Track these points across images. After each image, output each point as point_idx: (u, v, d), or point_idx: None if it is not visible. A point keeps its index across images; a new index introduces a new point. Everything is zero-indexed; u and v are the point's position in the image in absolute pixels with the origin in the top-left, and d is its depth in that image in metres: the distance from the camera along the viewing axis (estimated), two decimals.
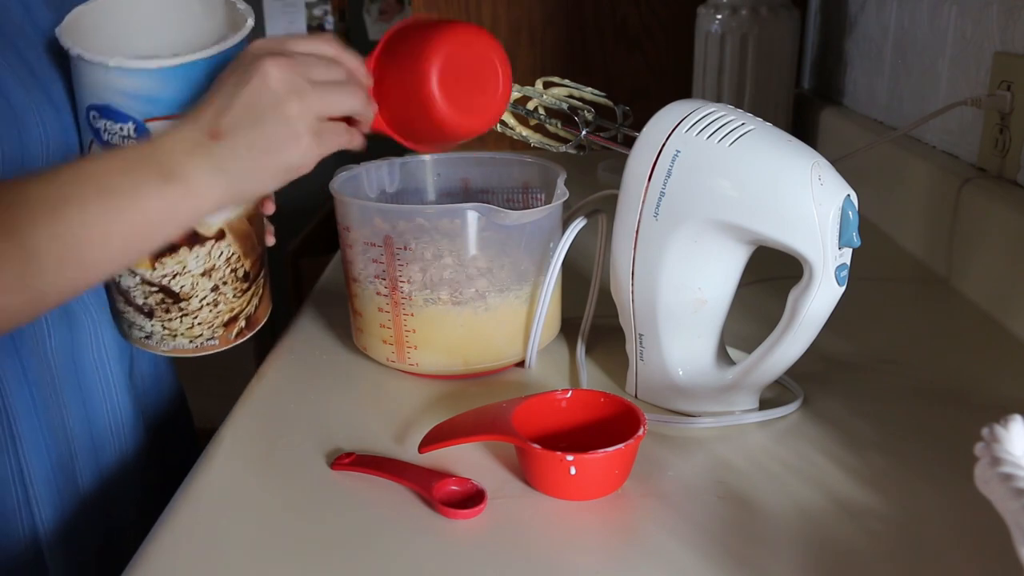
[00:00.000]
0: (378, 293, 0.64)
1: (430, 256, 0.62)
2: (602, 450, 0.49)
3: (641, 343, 0.60)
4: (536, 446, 0.49)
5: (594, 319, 0.71)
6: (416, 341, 0.63)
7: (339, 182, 0.67)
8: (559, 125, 0.73)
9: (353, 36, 3.02)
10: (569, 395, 0.55)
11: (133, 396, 0.67)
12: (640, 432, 0.50)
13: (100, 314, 0.64)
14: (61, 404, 0.61)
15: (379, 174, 0.73)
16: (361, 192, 0.71)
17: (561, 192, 0.64)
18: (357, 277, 0.65)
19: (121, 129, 0.55)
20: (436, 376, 0.66)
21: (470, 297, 0.62)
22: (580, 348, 0.70)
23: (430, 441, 0.53)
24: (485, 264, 0.62)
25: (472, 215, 0.60)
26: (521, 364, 0.67)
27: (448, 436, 0.53)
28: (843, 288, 0.54)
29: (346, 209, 0.64)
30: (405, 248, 0.61)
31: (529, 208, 0.70)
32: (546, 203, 0.65)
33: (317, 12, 3.01)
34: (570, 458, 0.49)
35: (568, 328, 0.71)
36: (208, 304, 0.61)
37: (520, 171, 0.74)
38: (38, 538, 0.60)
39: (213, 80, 0.52)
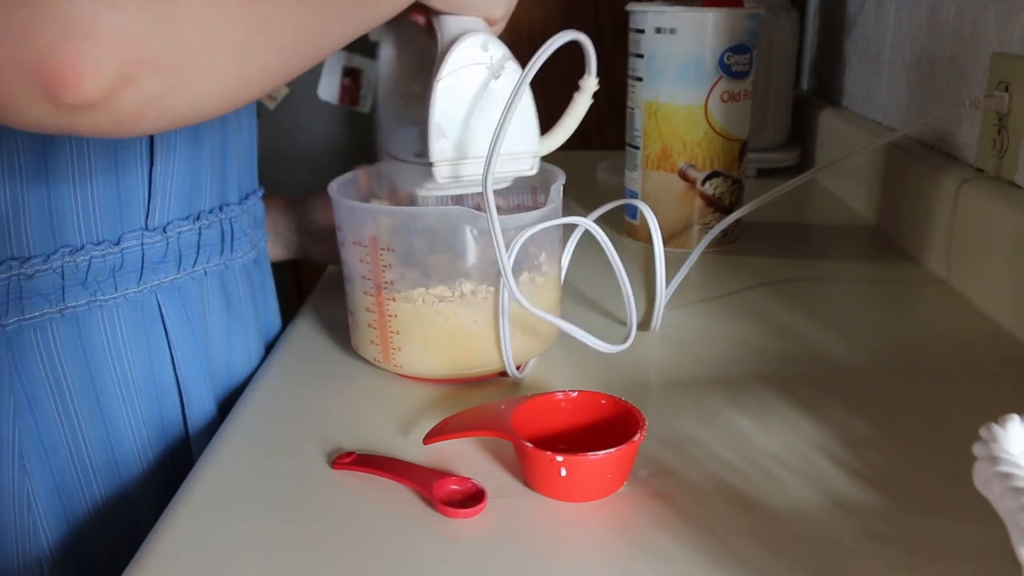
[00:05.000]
0: (365, 293, 0.63)
1: (414, 257, 0.61)
2: (592, 453, 0.49)
3: None
4: (528, 444, 0.49)
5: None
6: (400, 342, 0.63)
7: (338, 183, 0.67)
8: None
9: None
10: (565, 396, 0.55)
11: (157, 407, 0.63)
12: (636, 437, 0.50)
13: (115, 321, 0.60)
14: (72, 421, 0.59)
15: (380, 175, 0.73)
16: (358, 193, 0.71)
17: (553, 198, 0.63)
18: (349, 276, 0.65)
19: None
20: (430, 380, 0.65)
21: (454, 300, 0.62)
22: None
23: (432, 435, 0.53)
24: (474, 269, 0.62)
25: (454, 219, 0.60)
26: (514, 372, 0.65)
27: (445, 430, 0.53)
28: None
29: (337, 209, 0.65)
30: (388, 249, 0.61)
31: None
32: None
33: None
34: (559, 459, 0.49)
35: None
36: None
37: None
38: (42, 557, 0.59)
39: None
